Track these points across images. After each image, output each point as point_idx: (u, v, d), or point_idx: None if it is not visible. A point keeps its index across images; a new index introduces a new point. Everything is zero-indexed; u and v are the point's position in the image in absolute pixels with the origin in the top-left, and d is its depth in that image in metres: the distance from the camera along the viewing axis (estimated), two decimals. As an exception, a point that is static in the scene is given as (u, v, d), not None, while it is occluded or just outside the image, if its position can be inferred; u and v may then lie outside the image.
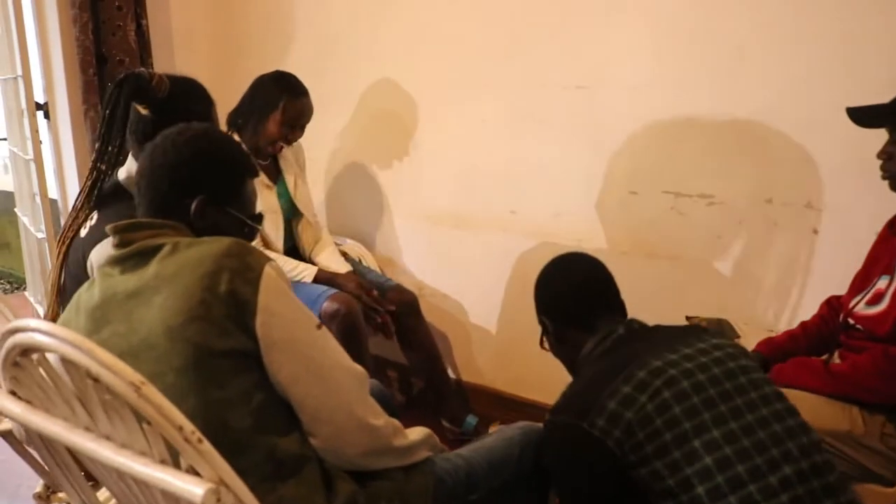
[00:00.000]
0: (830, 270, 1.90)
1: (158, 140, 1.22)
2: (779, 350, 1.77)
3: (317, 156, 2.87)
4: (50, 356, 0.88)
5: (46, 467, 1.13)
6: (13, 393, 0.95)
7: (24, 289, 3.43)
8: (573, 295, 1.48)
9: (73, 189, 2.72)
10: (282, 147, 2.37)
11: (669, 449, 1.14)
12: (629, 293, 2.30)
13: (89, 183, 1.58)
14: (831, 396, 1.55)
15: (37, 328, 0.84)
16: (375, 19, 2.66)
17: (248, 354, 1.05)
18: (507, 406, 2.59)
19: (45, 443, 1.05)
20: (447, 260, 2.68)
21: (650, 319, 2.26)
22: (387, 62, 2.67)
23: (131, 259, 1.12)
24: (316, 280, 2.29)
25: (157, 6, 2.87)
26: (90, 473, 1.07)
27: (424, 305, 2.52)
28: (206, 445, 0.77)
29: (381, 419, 1.16)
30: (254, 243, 1.26)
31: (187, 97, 1.59)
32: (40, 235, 2.76)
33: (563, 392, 1.30)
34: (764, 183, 2.02)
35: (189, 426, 0.77)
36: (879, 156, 1.60)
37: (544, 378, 2.51)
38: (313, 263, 2.40)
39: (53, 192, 2.85)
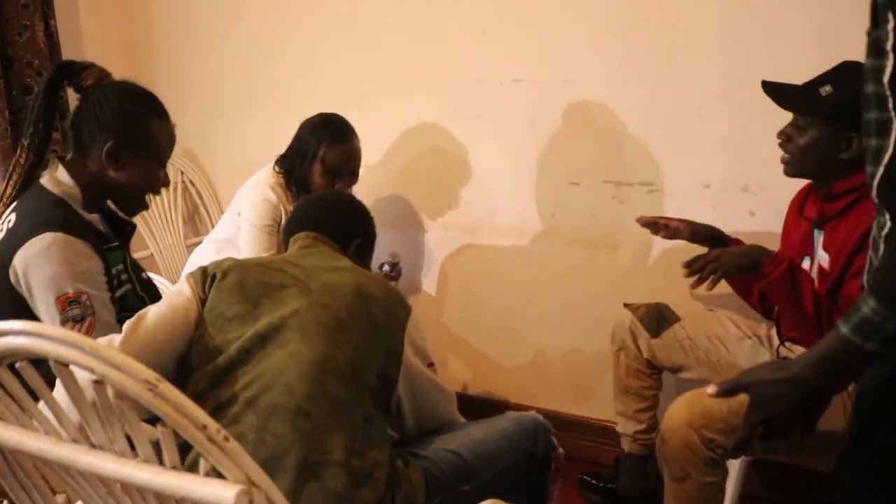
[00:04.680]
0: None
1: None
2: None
3: (248, 159, 2.77)
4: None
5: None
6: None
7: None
8: None
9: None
10: None
11: None
12: (572, 283, 2.37)
13: (17, 178, 1.51)
14: None
15: (21, 330, 0.76)
16: (298, 17, 2.59)
17: None
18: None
19: (12, 464, 0.95)
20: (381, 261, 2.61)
21: (592, 309, 2.35)
22: (313, 62, 2.60)
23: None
24: None
25: (65, 4, 2.69)
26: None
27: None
28: (234, 444, 0.71)
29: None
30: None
31: (122, 94, 1.52)
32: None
33: None
34: (702, 169, 2.09)
35: (213, 424, 0.71)
36: (779, 136, 1.67)
37: (493, 376, 2.53)
38: None
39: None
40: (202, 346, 1.24)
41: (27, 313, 1.42)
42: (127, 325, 1.25)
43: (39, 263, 1.38)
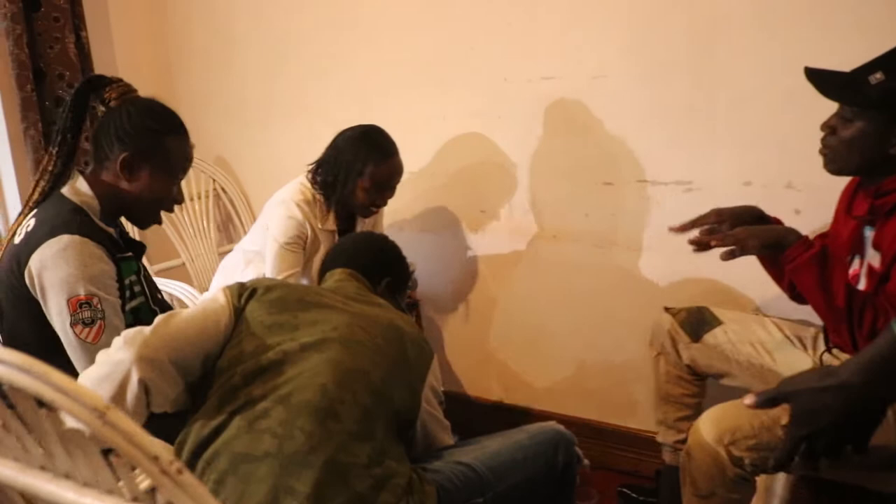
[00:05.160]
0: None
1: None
2: None
3: (276, 164, 2.75)
4: None
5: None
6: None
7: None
8: None
9: (15, 212, 2.55)
10: (374, 211, 2.19)
11: None
12: (607, 286, 2.27)
13: (43, 185, 1.56)
14: None
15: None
16: (320, 20, 2.54)
17: None
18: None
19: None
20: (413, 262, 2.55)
21: (629, 313, 2.25)
22: (337, 64, 2.55)
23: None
24: None
25: (96, 17, 2.72)
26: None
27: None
28: (188, 476, 0.66)
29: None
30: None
31: (143, 110, 1.56)
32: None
33: None
34: (742, 166, 1.97)
35: (167, 455, 0.66)
36: (822, 128, 1.55)
37: (526, 383, 2.46)
38: None
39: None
40: (237, 349, 1.26)
41: (41, 317, 1.45)
42: (158, 318, 1.26)
43: (55, 265, 1.41)
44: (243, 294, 1.33)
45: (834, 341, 1.65)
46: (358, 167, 2.05)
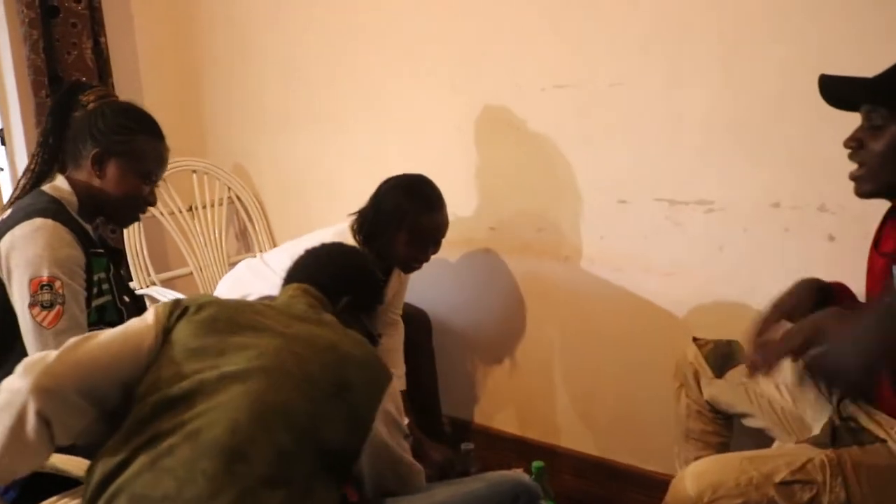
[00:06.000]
0: (850, 283, 1.64)
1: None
2: None
3: (293, 172, 2.68)
4: None
5: None
6: None
7: None
8: None
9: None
10: (417, 267, 2.00)
11: None
12: (622, 314, 2.10)
13: (24, 182, 1.60)
14: None
15: None
16: (335, 27, 2.46)
17: None
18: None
19: None
20: (418, 283, 2.34)
21: (648, 344, 2.07)
22: (354, 79, 2.45)
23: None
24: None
25: (118, 24, 2.71)
26: None
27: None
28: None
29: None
30: None
31: (118, 111, 1.59)
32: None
33: None
34: (770, 185, 1.77)
35: None
36: (847, 144, 1.33)
37: (537, 413, 2.31)
38: None
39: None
40: (155, 375, 1.15)
41: (6, 301, 1.46)
42: (70, 341, 1.18)
43: (24, 245, 1.43)
44: (175, 312, 1.22)
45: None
46: (399, 219, 1.88)
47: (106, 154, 1.55)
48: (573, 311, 2.16)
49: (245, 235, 2.79)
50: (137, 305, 1.67)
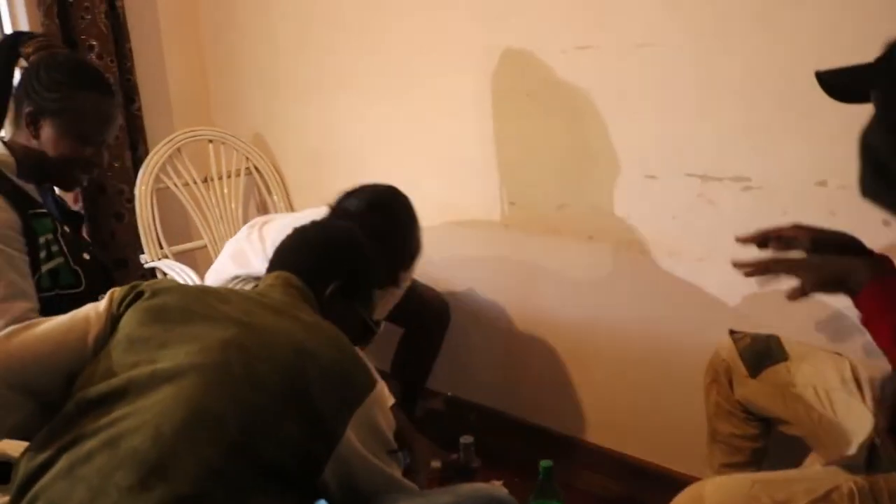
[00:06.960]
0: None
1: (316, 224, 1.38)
2: None
3: (313, 143, 2.56)
4: None
5: None
6: None
7: None
8: None
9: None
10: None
11: None
12: (650, 301, 1.92)
13: None
14: None
15: None
16: None
17: None
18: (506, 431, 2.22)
19: None
20: (436, 259, 2.22)
21: (677, 335, 1.89)
22: (375, 46, 2.31)
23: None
24: None
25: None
26: None
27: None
28: None
29: None
30: None
31: (56, 65, 1.48)
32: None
33: None
34: (815, 161, 1.57)
35: None
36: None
37: (554, 403, 2.17)
38: None
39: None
40: (92, 367, 1.06)
41: None
42: (4, 331, 1.10)
43: None
44: (127, 298, 1.12)
45: None
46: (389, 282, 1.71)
47: (39, 113, 1.46)
48: (596, 295, 2.00)
49: (264, 207, 2.70)
50: (99, 263, 1.57)
